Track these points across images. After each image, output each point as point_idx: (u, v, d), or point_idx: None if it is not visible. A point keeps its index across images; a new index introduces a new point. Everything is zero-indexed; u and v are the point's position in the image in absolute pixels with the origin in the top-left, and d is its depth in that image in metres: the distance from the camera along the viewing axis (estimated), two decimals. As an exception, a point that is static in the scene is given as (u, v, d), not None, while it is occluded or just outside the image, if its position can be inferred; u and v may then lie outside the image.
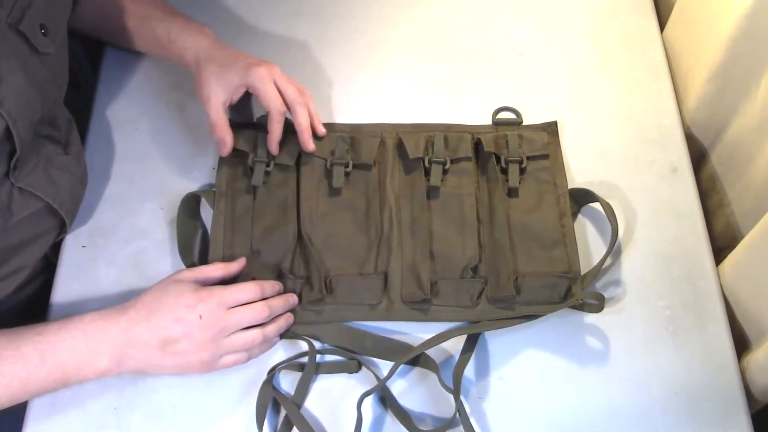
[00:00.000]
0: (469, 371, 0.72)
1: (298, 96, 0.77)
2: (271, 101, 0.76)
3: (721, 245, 0.82)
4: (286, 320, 0.71)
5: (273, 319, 0.70)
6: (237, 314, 0.67)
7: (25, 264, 0.73)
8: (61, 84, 0.73)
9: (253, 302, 0.69)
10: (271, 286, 0.72)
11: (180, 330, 0.65)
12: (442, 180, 0.79)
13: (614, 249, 0.77)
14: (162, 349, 0.65)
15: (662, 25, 0.94)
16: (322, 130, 0.81)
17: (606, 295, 0.74)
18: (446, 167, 0.79)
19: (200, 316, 0.65)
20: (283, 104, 0.76)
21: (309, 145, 0.79)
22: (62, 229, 0.76)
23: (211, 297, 0.66)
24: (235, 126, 0.82)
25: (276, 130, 0.77)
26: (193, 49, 0.78)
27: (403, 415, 0.69)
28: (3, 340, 0.62)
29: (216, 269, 0.71)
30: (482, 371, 0.72)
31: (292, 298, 0.72)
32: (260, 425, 0.68)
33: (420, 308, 0.73)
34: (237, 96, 0.77)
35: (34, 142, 0.67)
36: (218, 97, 0.76)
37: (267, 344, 0.71)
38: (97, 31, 0.85)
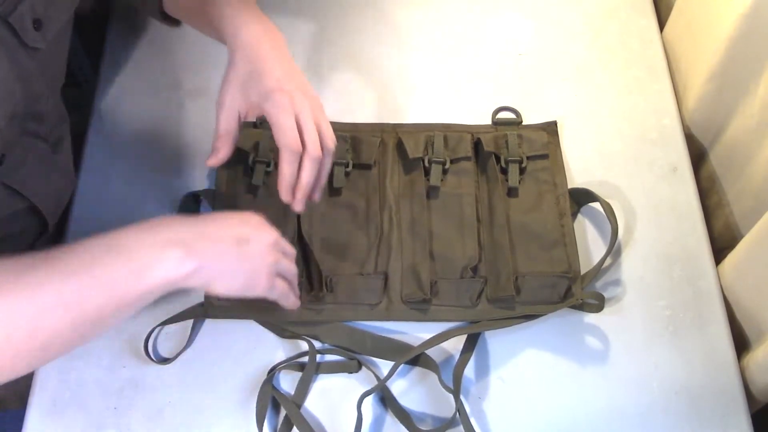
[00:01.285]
0: (469, 371, 0.72)
1: (315, 148, 0.65)
2: (283, 135, 0.64)
3: (721, 245, 0.82)
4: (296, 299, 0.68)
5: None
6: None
7: None
8: (52, 80, 0.71)
9: None
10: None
11: (249, 230, 0.60)
12: (441, 180, 0.79)
13: (614, 249, 0.77)
14: (237, 247, 0.58)
15: (662, 25, 0.94)
16: (317, 197, 0.70)
17: (606, 295, 0.74)
18: (446, 167, 0.79)
19: (259, 223, 0.62)
20: (298, 143, 0.64)
21: (299, 205, 0.67)
22: (43, 230, 0.75)
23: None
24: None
25: (286, 173, 0.65)
26: (235, 42, 0.67)
27: (403, 415, 0.69)
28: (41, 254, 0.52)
29: None
30: (482, 371, 0.72)
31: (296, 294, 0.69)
32: (260, 425, 0.68)
33: (420, 308, 0.73)
34: (253, 114, 0.68)
35: (20, 139, 0.66)
36: (233, 106, 0.67)
37: (292, 300, 0.67)
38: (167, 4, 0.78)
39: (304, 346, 0.73)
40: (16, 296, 0.49)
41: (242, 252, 0.58)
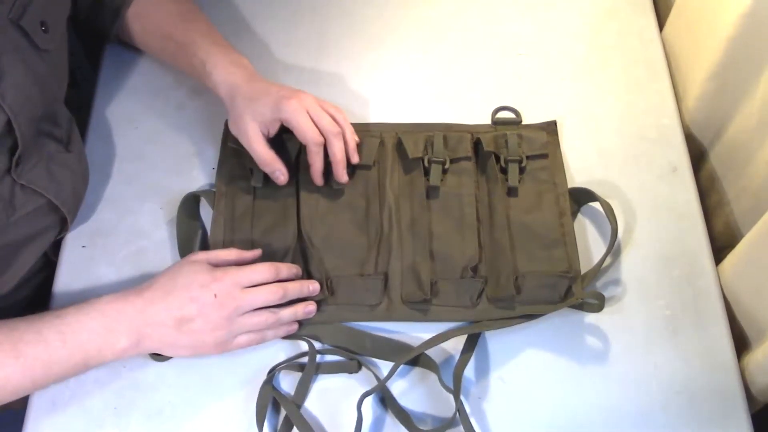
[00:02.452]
0: (469, 371, 0.72)
1: (332, 126, 0.75)
2: (306, 133, 0.73)
3: (721, 245, 0.82)
4: (304, 308, 0.71)
5: (290, 303, 0.70)
6: (251, 294, 0.67)
7: (25, 261, 0.73)
8: (61, 81, 0.74)
9: (268, 283, 0.69)
10: (287, 268, 0.71)
11: (195, 309, 0.65)
12: (441, 180, 0.79)
13: (614, 249, 0.77)
14: (178, 329, 0.65)
15: (661, 25, 0.94)
16: (355, 159, 0.79)
17: (606, 294, 0.74)
18: (446, 167, 0.79)
19: (215, 295, 0.66)
20: (319, 134, 0.74)
21: (343, 177, 0.77)
22: (63, 226, 0.76)
23: (226, 276, 0.67)
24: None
25: (317, 162, 0.75)
26: (227, 83, 0.76)
27: (403, 415, 0.69)
28: (22, 324, 0.63)
29: (230, 254, 0.71)
30: (482, 371, 0.72)
31: (312, 285, 0.72)
32: (260, 425, 0.68)
33: (420, 308, 0.73)
34: (273, 130, 0.75)
35: (36, 140, 0.68)
36: (256, 131, 0.74)
37: (283, 328, 0.71)
38: (141, 46, 0.85)
39: (304, 346, 0.73)
40: None
41: (183, 332, 0.66)
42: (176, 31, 0.80)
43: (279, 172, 0.76)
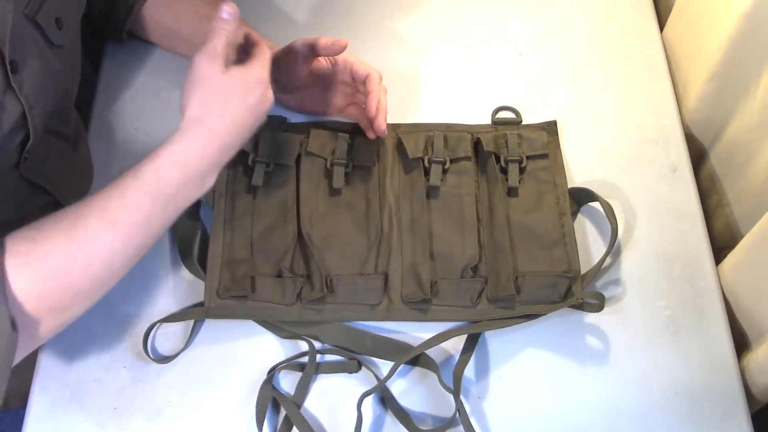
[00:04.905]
0: (469, 371, 0.72)
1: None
2: (369, 66, 0.76)
3: (721, 245, 0.82)
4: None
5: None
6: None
7: None
8: (74, 78, 0.74)
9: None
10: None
11: (254, 117, 0.66)
12: (441, 180, 0.79)
13: (614, 248, 0.77)
14: (242, 138, 0.66)
15: (662, 25, 0.94)
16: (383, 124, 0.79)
17: (606, 294, 0.74)
18: (446, 167, 0.79)
19: (268, 97, 0.67)
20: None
21: (384, 126, 0.77)
22: None
23: (263, 77, 0.67)
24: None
25: (383, 99, 0.77)
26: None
27: (403, 415, 0.69)
28: (101, 194, 0.59)
29: (229, 40, 0.67)
30: (482, 371, 0.72)
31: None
32: (260, 425, 0.68)
33: (420, 308, 0.73)
34: (309, 58, 0.78)
35: (45, 137, 0.68)
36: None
37: None
38: (159, 36, 0.85)
39: (304, 346, 0.73)
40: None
41: (246, 137, 0.67)
42: (214, 12, 0.81)
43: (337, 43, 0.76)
